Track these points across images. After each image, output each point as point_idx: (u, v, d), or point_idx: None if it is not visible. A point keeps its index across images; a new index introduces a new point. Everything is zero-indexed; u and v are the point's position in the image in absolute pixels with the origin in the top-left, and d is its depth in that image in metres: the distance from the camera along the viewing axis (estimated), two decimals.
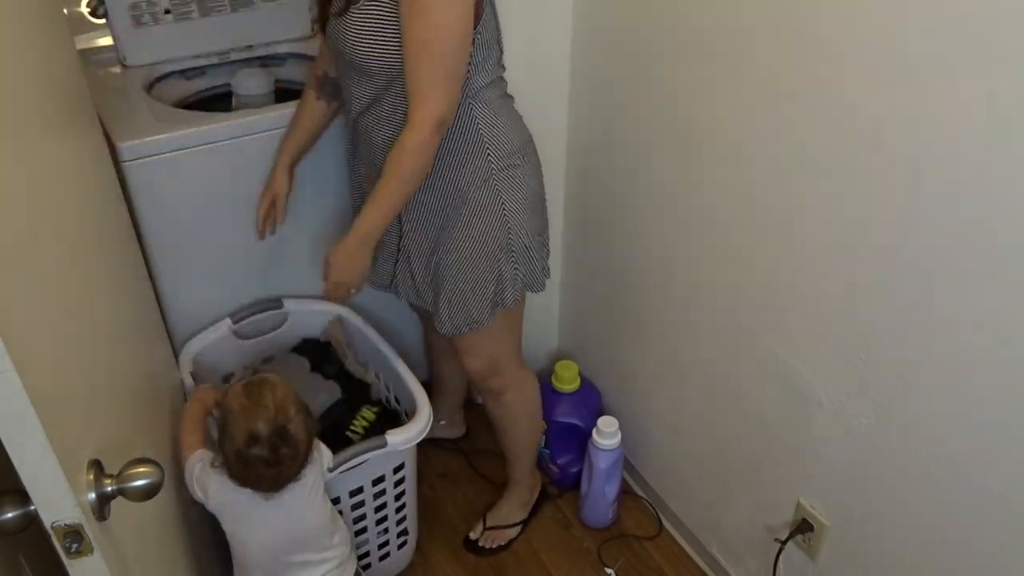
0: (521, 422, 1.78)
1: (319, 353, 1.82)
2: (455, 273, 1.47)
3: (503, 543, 1.90)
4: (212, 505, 1.32)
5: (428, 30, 1.21)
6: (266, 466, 1.26)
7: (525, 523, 1.94)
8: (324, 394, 1.73)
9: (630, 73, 1.58)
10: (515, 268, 1.49)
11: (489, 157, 1.40)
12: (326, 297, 1.50)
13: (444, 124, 1.28)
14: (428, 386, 1.69)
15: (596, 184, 1.80)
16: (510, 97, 1.46)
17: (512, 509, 1.93)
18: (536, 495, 1.97)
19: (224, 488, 1.30)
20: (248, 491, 1.29)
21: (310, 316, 1.85)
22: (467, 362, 1.63)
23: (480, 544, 1.89)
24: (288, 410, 1.28)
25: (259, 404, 1.27)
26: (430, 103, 1.25)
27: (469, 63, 1.30)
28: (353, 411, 1.72)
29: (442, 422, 2.10)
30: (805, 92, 1.21)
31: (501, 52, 1.42)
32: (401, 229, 1.50)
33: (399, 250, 1.54)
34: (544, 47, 1.66)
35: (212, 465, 1.31)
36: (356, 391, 1.77)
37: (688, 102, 1.46)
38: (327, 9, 1.36)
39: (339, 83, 1.46)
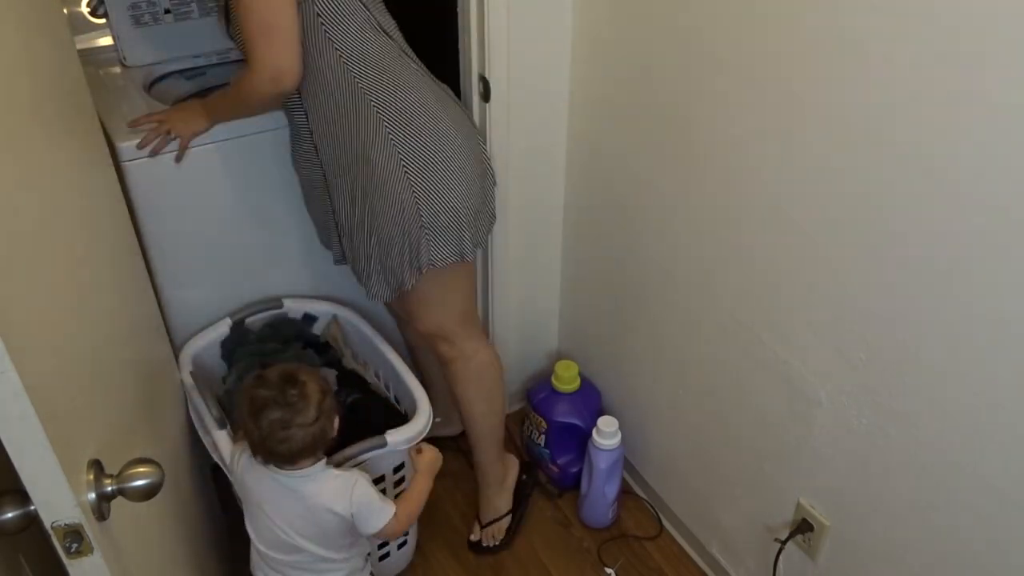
0: (472, 399, 1.74)
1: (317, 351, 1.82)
2: (367, 236, 1.50)
3: (502, 536, 1.89)
4: (236, 478, 1.38)
5: None
6: (275, 407, 1.25)
7: (517, 511, 1.92)
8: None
9: (630, 76, 1.57)
10: (427, 235, 1.48)
11: (382, 119, 1.42)
12: (134, 122, 1.58)
13: (280, 76, 1.36)
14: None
15: (596, 184, 1.80)
16: (405, 61, 1.48)
17: (492, 501, 1.90)
18: (513, 479, 1.93)
19: (248, 466, 1.34)
20: (264, 471, 1.30)
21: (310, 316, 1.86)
22: (415, 326, 1.67)
23: (483, 544, 1.89)
24: (298, 365, 1.32)
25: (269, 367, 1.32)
26: (258, 56, 1.34)
27: (324, 24, 1.36)
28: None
29: (438, 420, 2.09)
30: (806, 93, 1.21)
31: (378, 14, 1.46)
32: (330, 197, 1.56)
33: (333, 213, 1.58)
34: (544, 49, 1.66)
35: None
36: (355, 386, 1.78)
37: (687, 103, 1.46)
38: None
39: None
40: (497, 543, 1.89)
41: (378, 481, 1.60)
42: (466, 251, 1.53)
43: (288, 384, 1.27)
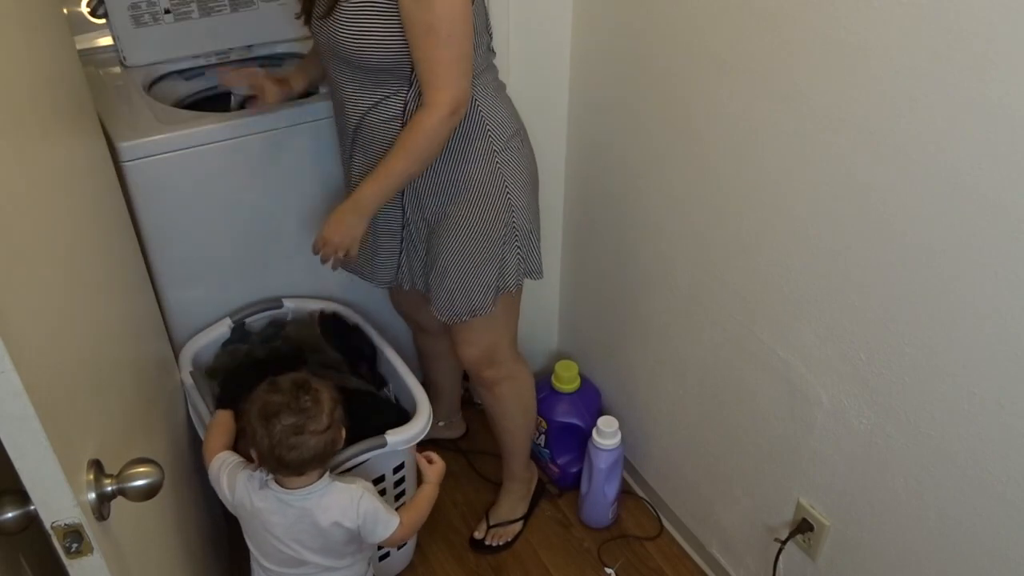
0: (515, 415, 1.77)
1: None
2: (458, 257, 1.47)
3: (509, 539, 1.90)
4: (233, 502, 1.35)
5: (433, 15, 1.21)
6: (288, 413, 1.24)
7: (527, 516, 1.94)
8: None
9: (630, 75, 1.58)
10: (518, 251, 1.49)
11: (491, 138, 1.41)
12: (316, 251, 1.47)
13: (460, 108, 1.29)
14: (425, 388, 1.69)
15: (596, 184, 1.80)
16: (502, 83, 1.48)
17: (512, 505, 1.93)
18: (533, 488, 1.97)
19: (247, 486, 1.32)
20: (266, 490, 1.29)
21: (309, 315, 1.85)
22: (463, 351, 1.63)
23: (487, 543, 1.89)
24: (309, 374, 1.31)
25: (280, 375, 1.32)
26: (447, 87, 1.26)
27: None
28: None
29: (441, 424, 2.10)
30: (808, 91, 1.21)
31: (490, 37, 1.43)
32: (404, 217, 1.51)
33: (402, 240, 1.54)
34: (544, 47, 1.66)
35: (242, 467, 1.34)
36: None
37: (688, 103, 1.46)
38: (309, 6, 1.36)
39: (332, 89, 1.46)
40: (502, 544, 1.89)
41: (378, 481, 1.60)
42: (534, 270, 1.55)
43: (301, 391, 1.26)
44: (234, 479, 1.34)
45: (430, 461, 1.50)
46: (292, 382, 1.28)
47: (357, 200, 1.38)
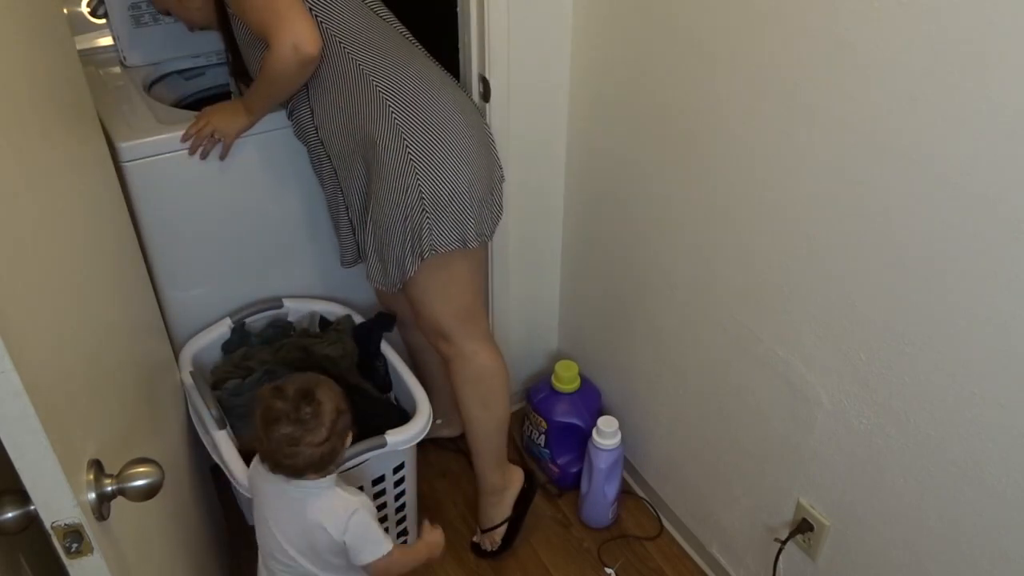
0: (470, 404, 1.70)
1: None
2: (374, 223, 1.51)
3: (498, 543, 1.88)
4: (247, 481, 1.40)
5: None
6: (287, 423, 1.24)
7: (517, 518, 1.87)
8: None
9: (630, 75, 1.57)
10: (430, 222, 1.48)
11: (385, 100, 1.44)
12: (190, 132, 1.58)
13: (300, 41, 1.36)
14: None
15: (596, 184, 1.80)
16: (411, 43, 1.51)
17: (487, 509, 1.85)
18: (514, 493, 1.85)
19: (256, 469, 1.35)
20: (272, 477, 1.30)
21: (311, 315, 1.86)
22: (417, 321, 1.67)
23: (483, 548, 1.89)
24: (317, 379, 1.30)
25: (290, 377, 1.32)
26: (272, 32, 1.36)
27: (316, 13, 1.39)
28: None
29: (438, 421, 2.09)
30: (806, 91, 1.21)
31: (374, 3, 1.52)
32: (343, 195, 1.57)
33: (349, 217, 1.59)
34: (544, 49, 1.66)
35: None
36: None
37: (688, 103, 1.46)
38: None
39: None
40: (495, 549, 1.88)
41: (378, 481, 1.60)
42: (469, 238, 1.52)
43: (304, 400, 1.25)
44: (250, 467, 1.39)
45: (433, 527, 1.48)
46: (297, 390, 1.27)
47: (243, 98, 1.58)
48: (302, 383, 1.29)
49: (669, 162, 1.55)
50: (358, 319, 1.82)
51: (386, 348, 1.75)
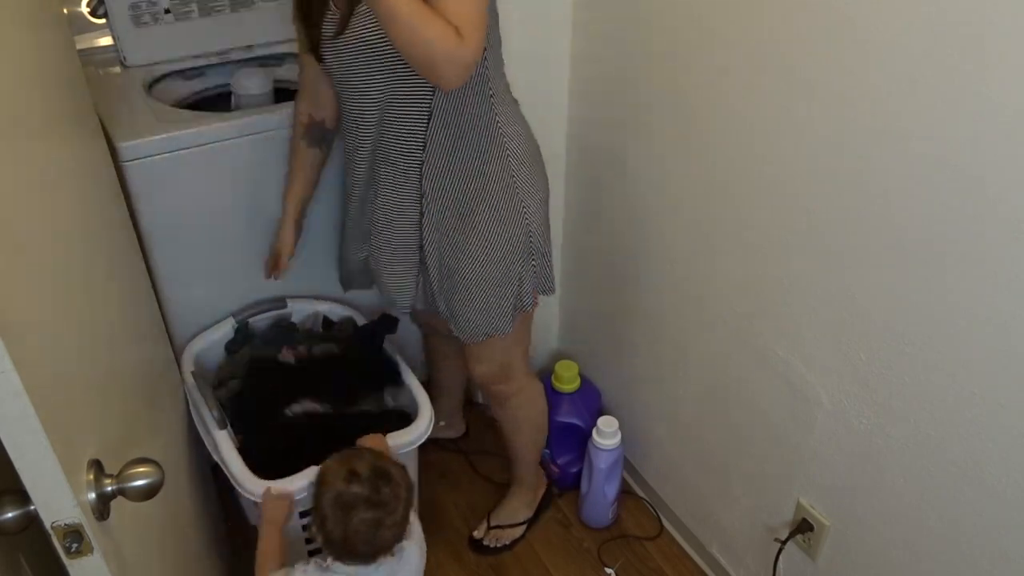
0: (524, 427, 1.78)
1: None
2: (477, 277, 1.46)
3: (507, 542, 1.90)
4: None
5: None
6: (367, 507, 1.19)
7: (530, 522, 1.94)
8: None
9: (630, 74, 1.58)
10: (534, 270, 1.50)
11: (509, 157, 1.41)
12: None
13: (468, 68, 1.21)
14: (427, 387, 1.69)
15: (596, 184, 1.80)
16: (516, 99, 1.48)
17: (517, 508, 1.93)
18: (541, 494, 1.97)
19: None
20: (328, 571, 1.23)
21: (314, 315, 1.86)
22: (476, 368, 1.63)
23: (485, 543, 1.89)
24: (384, 458, 1.26)
25: (356, 455, 1.26)
26: (470, 36, 1.18)
27: (486, 60, 1.32)
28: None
29: (442, 423, 2.10)
30: (812, 86, 1.21)
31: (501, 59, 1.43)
32: (422, 237, 1.47)
33: (421, 261, 1.50)
34: (544, 48, 1.66)
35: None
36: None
37: (689, 103, 1.46)
38: (317, 33, 1.34)
39: (340, 112, 1.46)
40: (500, 546, 1.89)
41: None
42: (549, 287, 1.55)
43: (382, 481, 1.21)
44: None
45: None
46: (372, 471, 1.22)
47: None
48: (374, 463, 1.23)
49: (670, 162, 1.55)
50: (361, 320, 1.81)
51: (386, 347, 1.75)
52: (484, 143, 1.39)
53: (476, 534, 1.91)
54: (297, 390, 1.62)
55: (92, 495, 0.82)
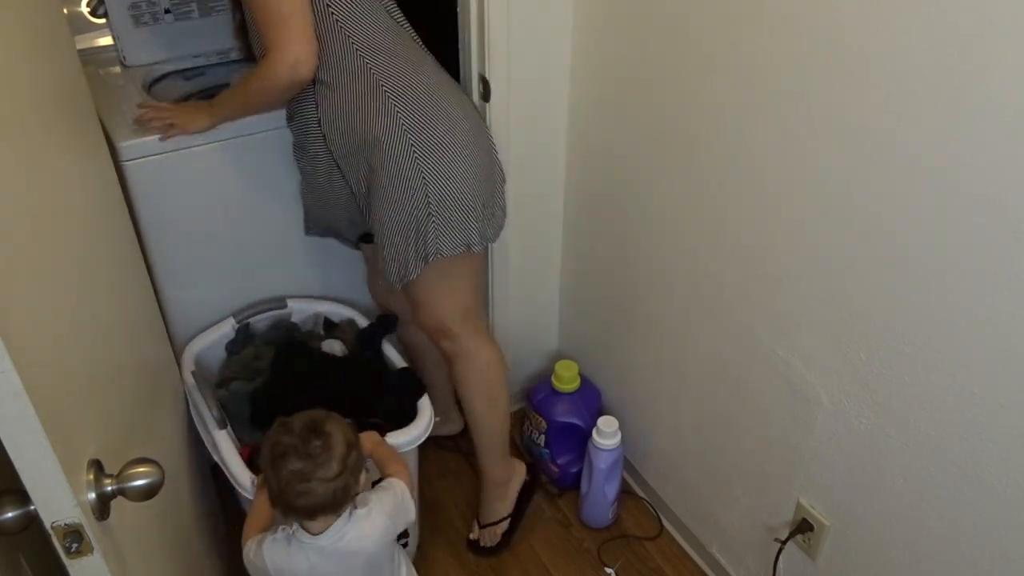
0: (474, 400, 1.73)
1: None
2: (381, 222, 1.50)
3: (498, 539, 1.89)
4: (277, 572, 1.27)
5: None
6: (297, 458, 1.19)
7: (516, 515, 1.90)
8: None
9: (630, 75, 1.57)
10: (434, 222, 1.48)
11: (397, 109, 1.43)
12: (142, 106, 1.61)
13: (298, 64, 1.36)
14: None
15: (596, 184, 1.80)
16: (418, 46, 1.51)
17: (490, 507, 1.88)
18: (518, 485, 1.90)
19: (274, 550, 1.26)
20: (296, 544, 1.24)
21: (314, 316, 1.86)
22: (416, 318, 1.67)
23: (480, 543, 1.89)
24: (325, 413, 1.26)
25: (303, 413, 1.27)
26: (274, 45, 1.35)
27: (334, 12, 1.39)
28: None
29: (437, 419, 2.09)
30: (806, 92, 1.21)
31: (389, 4, 1.50)
32: (349, 185, 1.55)
33: (353, 195, 1.58)
34: (544, 49, 1.66)
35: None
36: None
37: (688, 103, 1.46)
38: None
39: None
40: (494, 544, 1.88)
41: (377, 482, 1.59)
42: (473, 242, 1.53)
43: (312, 434, 1.21)
44: (262, 552, 1.28)
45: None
46: (304, 424, 1.22)
47: (212, 104, 1.58)
48: (309, 416, 1.24)
49: (669, 162, 1.55)
50: (362, 322, 1.81)
51: (388, 347, 1.75)
52: (363, 90, 1.44)
53: (472, 536, 1.91)
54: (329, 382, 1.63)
55: (92, 495, 0.82)
